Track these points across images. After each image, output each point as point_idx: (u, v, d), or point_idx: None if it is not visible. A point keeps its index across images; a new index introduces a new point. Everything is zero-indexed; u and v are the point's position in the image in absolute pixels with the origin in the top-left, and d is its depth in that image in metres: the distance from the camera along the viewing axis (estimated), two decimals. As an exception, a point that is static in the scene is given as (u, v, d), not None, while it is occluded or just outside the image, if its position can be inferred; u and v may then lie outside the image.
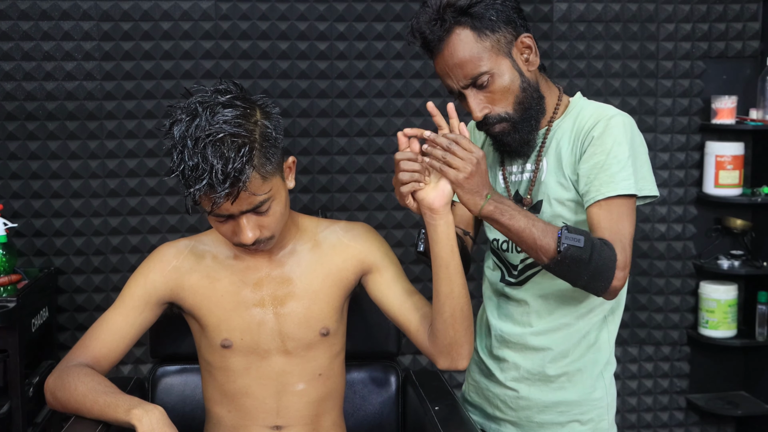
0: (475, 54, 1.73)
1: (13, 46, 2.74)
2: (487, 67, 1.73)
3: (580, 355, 1.85)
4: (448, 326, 1.82)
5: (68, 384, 1.80)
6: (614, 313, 1.88)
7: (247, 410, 1.90)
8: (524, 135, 1.78)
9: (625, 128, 1.72)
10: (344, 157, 2.94)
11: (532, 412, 1.88)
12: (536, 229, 1.64)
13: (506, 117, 1.77)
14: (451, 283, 1.78)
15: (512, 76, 1.75)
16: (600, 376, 1.87)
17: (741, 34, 3.10)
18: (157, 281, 1.89)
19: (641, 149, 1.75)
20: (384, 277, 1.94)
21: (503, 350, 1.92)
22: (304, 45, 2.87)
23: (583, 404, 1.86)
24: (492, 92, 1.75)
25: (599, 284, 1.64)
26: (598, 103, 1.83)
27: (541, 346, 1.86)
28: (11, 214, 2.77)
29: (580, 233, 1.62)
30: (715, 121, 3.05)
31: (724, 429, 3.25)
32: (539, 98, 1.79)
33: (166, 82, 2.82)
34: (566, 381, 1.86)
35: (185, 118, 1.67)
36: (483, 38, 1.72)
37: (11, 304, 2.36)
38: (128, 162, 2.85)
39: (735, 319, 3.12)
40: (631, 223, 1.69)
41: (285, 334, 1.88)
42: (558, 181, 1.79)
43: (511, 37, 1.74)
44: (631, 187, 1.68)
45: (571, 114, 1.82)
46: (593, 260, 1.61)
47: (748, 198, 3.05)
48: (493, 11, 1.72)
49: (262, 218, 1.72)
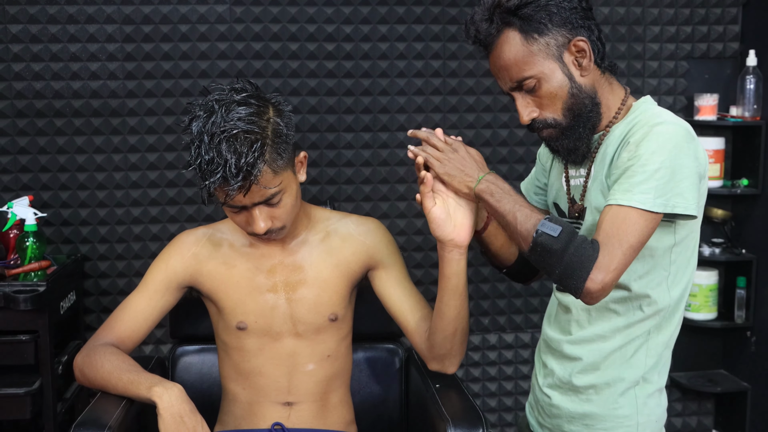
0: (520, 57, 1.56)
1: (42, 48, 2.74)
2: (533, 71, 1.56)
3: (610, 369, 1.64)
4: (447, 341, 1.84)
5: (95, 362, 1.81)
6: (660, 331, 1.63)
7: (261, 387, 1.91)
8: (572, 142, 1.61)
9: (669, 138, 1.49)
10: (350, 150, 2.94)
11: (562, 421, 1.71)
12: (520, 214, 1.52)
13: (553, 123, 1.59)
14: (459, 307, 1.79)
15: (561, 82, 1.56)
16: (629, 393, 1.64)
17: (722, 36, 3.09)
18: (178, 267, 1.90)
19: (686, 162, 1.48)
20: (389, 275, 1.94)
21: (546, 355, 1.77)
22: (313, 46, 2.86)
23: (607, 420, 1.66)
24: (540, 97, 1.58)
25: (571, 282, 1.46)
26: (659, 109, 1.60)
27: (573, 355, 1.68)
28: (41, 205, 2.78)
29: (561, 224, 1.48)
30: (698, 117, 3.04)
31: (705, 405, 3.25)
32: (593, 104, 1.59)
33: (183, 81, 2.82)
34: (594, 393, 1.66)
35: (203, 114, 1.67)
36: (530, 41, 1.55)
37: (41, 288, 2.37)
38: (149, 156, 2.85)
39: (715, 302, 3.11)
40: (636, 235, 1.46)
41: (296, 318, 1.89)
42: (600, 190, 1.59)
43: (564, 39, 1.55)
44: (646, 201, 1.45)
45: (628, 119, 1.60)
46: (567, 254, 1.45)
47: (728, 189, 3.04)
48: (545, 13, 1.54)
49: (273, 210, 1.73)
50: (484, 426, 1.75)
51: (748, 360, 3.10)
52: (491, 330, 3.11)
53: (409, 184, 2.97)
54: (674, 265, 1.60)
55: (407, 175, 2.97)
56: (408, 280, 1.96)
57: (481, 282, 3.06)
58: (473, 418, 1.78)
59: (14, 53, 2.73)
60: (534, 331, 3.12)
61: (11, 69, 2.74)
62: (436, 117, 2.96)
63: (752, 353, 3.08)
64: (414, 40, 2.91)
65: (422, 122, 2.95)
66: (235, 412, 1.94)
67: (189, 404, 1.72)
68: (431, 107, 2.95)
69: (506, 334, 3.13)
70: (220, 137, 1.63)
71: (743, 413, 3.10)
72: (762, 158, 2.98)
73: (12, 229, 2.56)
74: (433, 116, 2.96)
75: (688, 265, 1.63)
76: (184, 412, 1.70)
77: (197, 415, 1.72)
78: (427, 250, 3.00)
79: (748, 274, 3.06)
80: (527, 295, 3.10)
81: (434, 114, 2.95)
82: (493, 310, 3.10)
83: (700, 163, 1.53)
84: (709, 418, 3.26)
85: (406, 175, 2.97)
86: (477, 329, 3.09)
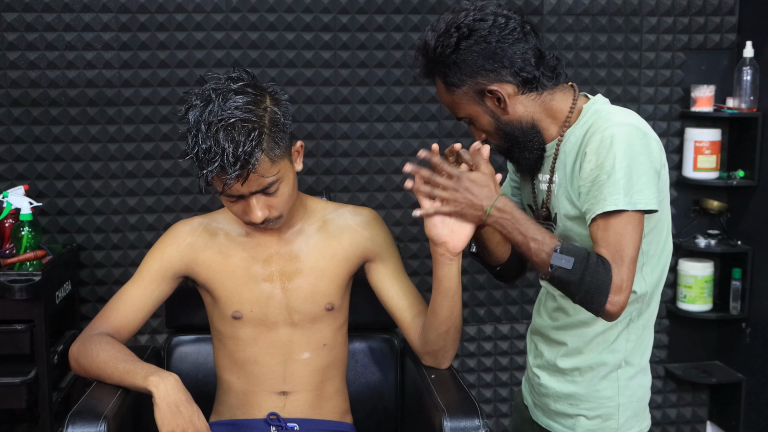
0: (448, 103, 1.71)
1: (38, 37, 2.73)
2: (463, 114, 1.70)
3: (593, 353, 1.74)
4: (441, 339, 1.85)
5: (91, 351, 1.81)
6: (640, 316, 1.72)
7: (256, 377, 1.91)
8: (519, 159, 1.73)
9: (620, 140, 1.55)
10: (347, 141, 2.94)
11: (549, 399, 1.82)
12: (533, 244, 1.57)
13: (496, 148, 1.72)
14: (451, 308, 1.80)
15: (488, 121, 1.68)
16: (611, 376, 1.74)
17: (719, 27, 3.09)
18: (173, 256, 1.90)
19: (641, 159, 1.56)
20: (386, 268, 1.94)
21: (536, 337, 1.88)
22: (309, 36, 2.86)
23: (590, 400, 1.76)
24: (480, 129, 1.71)
25: (592, 306, 1.54)
26: (610, 108, 1.67)
27: (559, 340, 1.78)
28: (36, 194, 2.77)
29: (573, 253, 1.53)
30: (694, 109, 3.05)
31: (699, 396, 3.27)
32: (526, 130, 1.68)
33: (179, 71, 2.81)
34: (578, 375, 1.76)
35: (200, 103, 1.67)
36: (452, 91, 1.67)
37: (37, 277, 2.37)
38: (144, 145, 2.84)
39: (711, 294, 3.12)
40: (632, 239, 1.54)
41: (292, 307, 1.89)
42: (566, 196, 1.68)
43: (481, 87, 1.64)
44: (618, 202, 1.52)
45: (581, 122, 1.67)
46: (585, 282, 1.52)
47: (724, 181, 3.05)
48: (455, 68, 1.63)
49: (270, 199, 1.73)
50: (479, 416, 1.75)
51: (743, 351, 3.11)
52: (487, 321, 3.12)
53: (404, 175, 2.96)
54: (646, 255, 1.68)
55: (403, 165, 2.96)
56: (404, 274, 1.97)
57: (477, 273, 3.06)
58: (469, 408, 1.78)
59: (9, 42, 2.72)
60: (530, 321, 3.12)
61: (6, 58, 2.73)
62: (433, 108, 2.96)
63: (747, 345, 3.09)
64: (411, 30, 2.91)
65: (418, 114, 2.96)
66: (230, 402, 1.94)
67: (185, 394, 1.72)
68: (428, 98, 2.95)
69: (502, 325, 3.13)
70: (218, 126, 1.62)
71: (738, 404, 3.12)
72: (758, 150, 2.98)
73: (7, 218, 2.56)
74: (430, 107, 2.96)
75: (662, 251, 1.71)
76: (180, 401, 1.70)
77: (193, 404, 1.72)
78: (423, 240, 3.00)
79: (743, 265, 3.07)
80: (523, 286, 3.11)
81: (431, 105, 2.95)
82: (489, 300, 3.11)
83: (654, 157, 1.60)
84: (704, 409, 3.27)
85: (402, 165, 2.97)
86: (472, 320, 3.10)
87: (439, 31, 1.65)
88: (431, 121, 2.98)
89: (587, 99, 1.72)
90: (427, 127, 2.98)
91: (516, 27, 1.64)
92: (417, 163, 1.73)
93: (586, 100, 1.72)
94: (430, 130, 2.98)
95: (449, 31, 1.63)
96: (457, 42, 1.62)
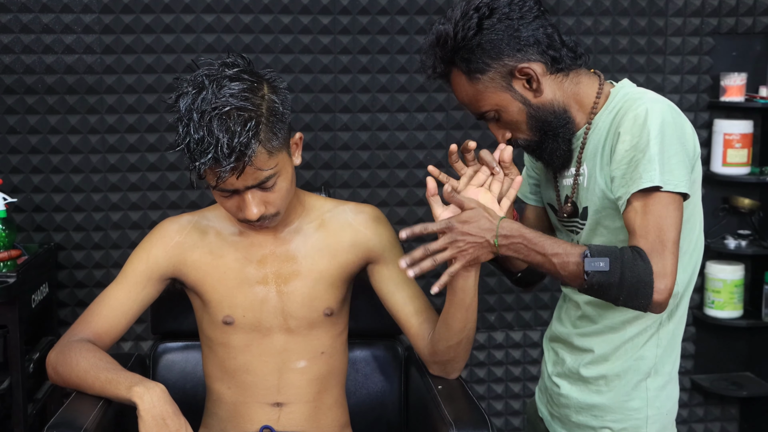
0: (472, 95, 1.70)
1: (12, 19, 2.73)
2: (488, 106, 1.70)
3: (621, 360, 1.74)
4: (451, 350, 1.87)
5: (70, 359, 1.81)
6: (670, 320, 1.73)
7: (248, 387, 1.91)
8: (552, 150, 1.72)
9: (654, 116, 1.58)
10: (347, 133, 2.95)
11: (570, 411, 1.82)
12: (556, 259, 1.56)
13: (524, 143, 1.73)
14: (465, 320, 1.81)
15: (518, 108, 1.69)
16: (640, 386, 1.74)
17: (751, 9, 3.09)
18: (160, 257, 1.90)
19: (673, 140, 1.58)
20: (390, 271, 1.94)
21: (556, 344, 1.89)
22: (306, 19, 2.86)
23: (616, 411, 1.76)
24: (505, 123, 1.71)
25: (638, 302, 1.54)
26: (640, 90, 1.71)
27: (584, 347, 1.79)
28: (10, 189, 2.78)
29: (605, 253, 1.53)
30: (724, 98, 3.05)
31: (729, 410, 3.27)
32: (560, 116, 1.69)
33: (166, 56, 2.82)
34: (604, 385, 1.76)
35: (191, 90, 1.67)
36: (475, 81, 1.67)
37: (11, 279, 2.37)
38: (128, 137, 2.85)
39: (741, 299, 3.13)
40: (674, 222, 1.54)
41: (288, 312, 1.89)
42: (599, 186, 1.68)
43: (508, 69, 1.65)
44: (653, 178, 1.54)
45: (609, 107, 1.69)
46: (626, 280, 1.52)
47: (756, 177, 3.05)
48: (480, 51, 1.65)
49: (267, 194, 1.73)
50: (489, 430, 1.76)
51: (776, 362, 3.12)
52: (498, 328, 3.13)
53: (409, 170, 2.98)
54: (680, 249, 1.65)
55: (408, 159, 2.98)
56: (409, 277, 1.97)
57: (488, 276, 3.07)
58: (478, 422, 1.79)
59: (-18, 24, 2.73)
60: (544, 328, 3.13)
61: (-21, 41, 2.74)
62: (440, 97, 2.96)
63: (780, 354, 3.10)
64: (416, 14, 2.91)
65: (424, 103, 2.96)
66: (220, 414, 1.95)
67: (172, 406, 1.73)
68: (434, 87, 2.95)
69: (514, 332, 3.14)
70: (211, 115, 1.63)
71: (770, 419, 3.13)
72: (793, 143, 2.99)
73: (-21, 215, 2.57)
74: (437, 96, 2.96)
75: (695, 248, 1.73)
76: (167, 414, 1.70)
77: (181, 417, 1.72)
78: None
79: (777, 268, 3.08)
80: (537, 290, 3.11)
81: (437, 94, 2.96)
82: (500, 306, 3.11)
83: (688, 140, 1.62)
84: (734, 424, 3.28)
85: (407, 159, 2.98)
86: (482, 327, 3.11)
87: (455, 18, 1.67)
88: (438, 112, 2.98)
89: (613, 85, 1.75)
90: (434, 117, 2.98)
91: (533, 5, 1.68)
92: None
93: (612, 86, 1.74)
94: (437, 121, 2.99)
95: (468, 14, 1.66)
96: (479, 22, 1.64)
